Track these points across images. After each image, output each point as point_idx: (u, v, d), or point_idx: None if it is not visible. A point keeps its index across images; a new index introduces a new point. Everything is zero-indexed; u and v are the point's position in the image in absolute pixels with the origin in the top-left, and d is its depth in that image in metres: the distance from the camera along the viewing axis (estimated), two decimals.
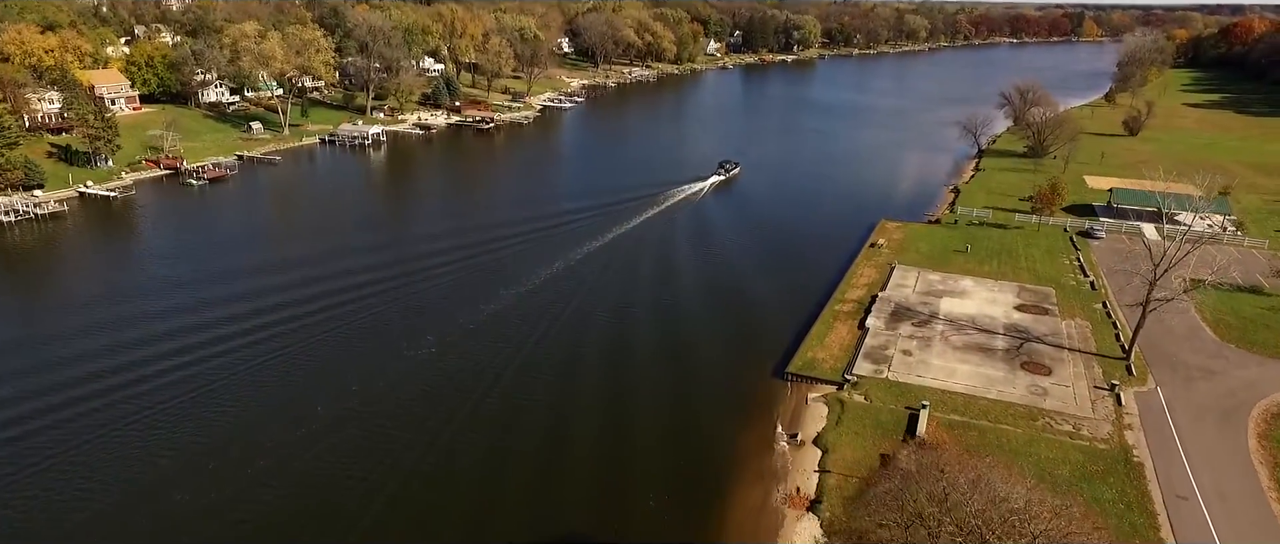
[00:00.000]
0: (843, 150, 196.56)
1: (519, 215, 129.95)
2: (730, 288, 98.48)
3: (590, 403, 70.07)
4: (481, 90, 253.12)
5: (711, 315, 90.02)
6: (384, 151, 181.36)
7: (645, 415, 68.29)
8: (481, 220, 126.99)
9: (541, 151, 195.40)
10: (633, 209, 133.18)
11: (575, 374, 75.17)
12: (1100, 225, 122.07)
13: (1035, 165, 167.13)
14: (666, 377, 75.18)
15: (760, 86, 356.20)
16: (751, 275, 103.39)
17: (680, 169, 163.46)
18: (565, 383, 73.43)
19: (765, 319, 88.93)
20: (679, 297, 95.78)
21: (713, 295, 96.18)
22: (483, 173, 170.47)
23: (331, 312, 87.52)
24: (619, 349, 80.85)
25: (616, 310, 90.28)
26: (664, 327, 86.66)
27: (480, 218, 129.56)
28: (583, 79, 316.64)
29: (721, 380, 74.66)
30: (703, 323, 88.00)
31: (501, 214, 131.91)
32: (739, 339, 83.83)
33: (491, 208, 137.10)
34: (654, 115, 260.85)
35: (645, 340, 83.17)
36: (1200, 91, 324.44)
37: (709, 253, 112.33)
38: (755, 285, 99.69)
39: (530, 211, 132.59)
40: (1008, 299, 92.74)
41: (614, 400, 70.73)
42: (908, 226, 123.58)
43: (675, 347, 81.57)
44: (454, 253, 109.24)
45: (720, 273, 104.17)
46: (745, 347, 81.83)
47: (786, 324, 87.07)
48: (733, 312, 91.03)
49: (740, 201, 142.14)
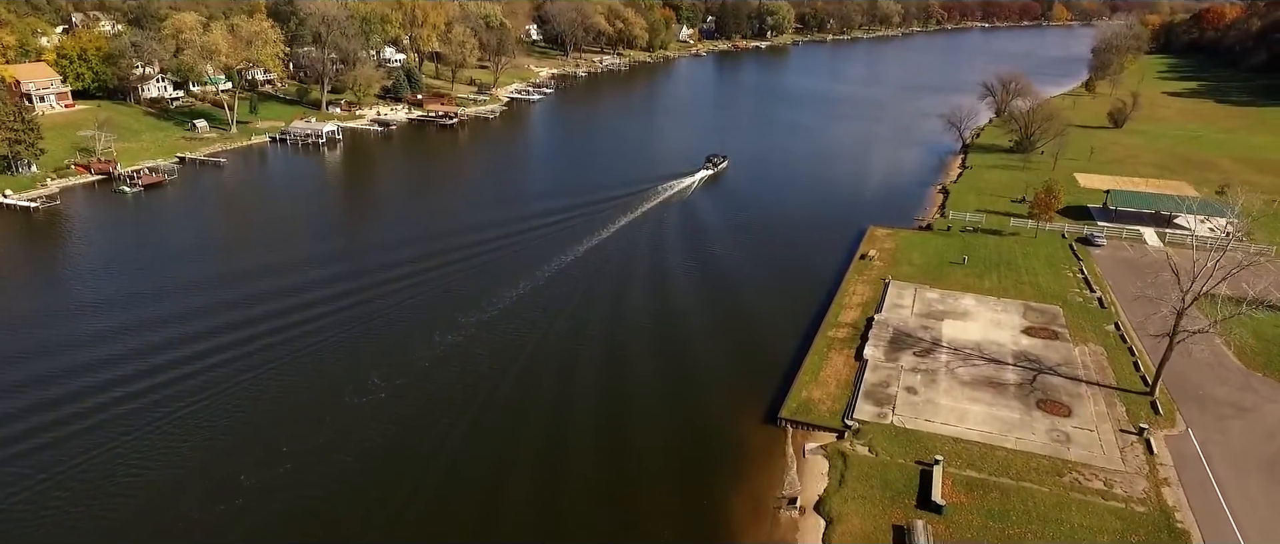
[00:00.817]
0: (824, 146, 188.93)
1: (486, 221, 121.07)
2: (716, 309, 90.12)
3: (562, 457, 61.56)
4: (446, 82, 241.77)
5: (696, 344, 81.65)
6: (340, 151, 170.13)
7: (623, 473, 59.93)
8: (444, 228, 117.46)
9: (510, 149, 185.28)
10: (610, 212, 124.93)
11: (548, 422, 66.47)
12: (1100, 231, 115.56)
13: (1024, 162, 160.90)
14: (647, 424, 66.78)
15: (734, 75, 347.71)
16: (737, 293, 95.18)
17: (657, 166, 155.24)
18: (539, 430, 64.82)
19: (754, 347, 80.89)
20: (660, 320, 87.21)
21: (697, 318, 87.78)
22: (446, 174, 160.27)
23: (272, 339, 78.21)
24: (594, 392, 72.22)
25: (592, 341, 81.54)
26: (645, 361, 78.11)
27: (443, 225, 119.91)
28: (552, 68, 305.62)
29: (708, 427, 66.40)
30: (687, 354, 79.59)
31: (467, 220, 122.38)
32: (726, 374, 75.60)
33: (456, 213, 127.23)
34: (627, 107, 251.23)
35: (623, 380, 74.59)
36: (1177, 79, 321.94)
37: (689, 266, 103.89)
38: (742, 305, 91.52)
39: (498, 216, 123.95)
40: (1013, 321, 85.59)
41: (588, 454, 62.25)
42: (898, 234, 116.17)
43: (658, 385, 73.09)
44: (412, 266, 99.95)
45: (702, 289, 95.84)
46: (733, 383, 73.64)
47: (777, 353, 79.14)
48: (719, 338, 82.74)
49: (722, 204, 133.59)
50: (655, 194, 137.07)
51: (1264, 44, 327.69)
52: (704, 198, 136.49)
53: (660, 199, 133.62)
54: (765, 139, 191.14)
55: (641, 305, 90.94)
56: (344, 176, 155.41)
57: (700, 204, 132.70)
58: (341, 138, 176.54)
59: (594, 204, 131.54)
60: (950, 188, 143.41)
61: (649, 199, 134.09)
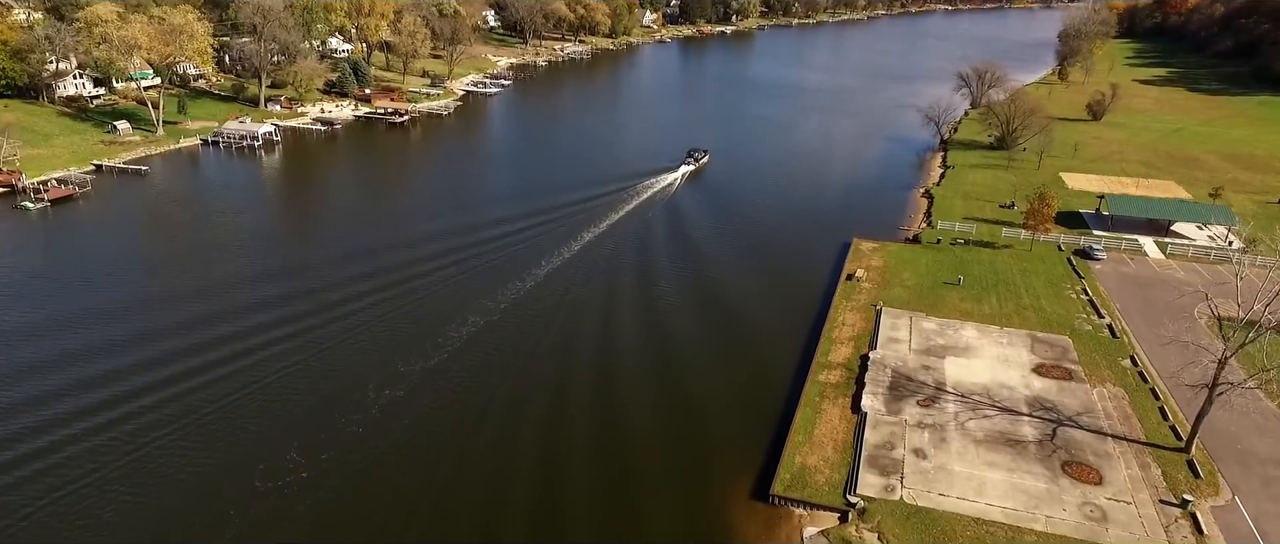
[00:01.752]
0: (800, 143, 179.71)
1: (440, 231, 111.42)
2: (695, 349, 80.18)
3: None
4: (397, 73, 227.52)
5: (674, 396, 71.72)
6: (278, 154, 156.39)
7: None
8: (392, 240, 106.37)
9: (467, 148, 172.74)
10: (577, 220, 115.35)
11: (497, 514, 56.30)
12: (1098, 243, 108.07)
13: (1007, 161, 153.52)
14: (619, 507, 57.03)
15: (700, 63, 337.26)
16: (718, 325, 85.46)
17: (626, 166, 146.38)
18: (492, 510, 54.67)
19: (738, 395, 71.32)
20: (634, 366, 77.18)
21: (675, 362, 77.78)
22: (396, 179, 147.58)
23: (184, 388, 66.92)
24: (557, 459, 62.14)
25: (556, 394, 71.28)
26: (614, 418, 68.18)
27: (390, 237, 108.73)
28: (511, 57, 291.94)
29: (690, 509, 56.80)
30: (666, 409, 69.59)
31: (417, 231, 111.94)
32: (709, 432, 65.91)
33: (405, 225, 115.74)
34: (592, 100, 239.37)
35: (592, 440, 64.61)
36: (1146, 65, 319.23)
37: (661, 293, 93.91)
38: (724, 341, 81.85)
39: (454, 226, 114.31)
40: (1022, 356, 77.27)
41: None
42: (885, 247, 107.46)
43: (633, 453, 63.21)
44: (352, 292, 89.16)
45: (680, 323, 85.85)
46: (717, 447, 63.94)
47: (764, 402, 69.81)
48: (700, 387, 72.98)
49: (697, 215, 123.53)
50: (627, 198, 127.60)
51: (1229, 30, 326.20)
52: (678, 206, 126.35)
53: (629, 207, 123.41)
54: (738, 136, 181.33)
55: (610, 346, 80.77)
56: (281, 184, 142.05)
57: (673, 214, 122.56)
58: (280, 139, 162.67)
59: (560, 210, 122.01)
60: (934, 191, 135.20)
61: (618, 205, 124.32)
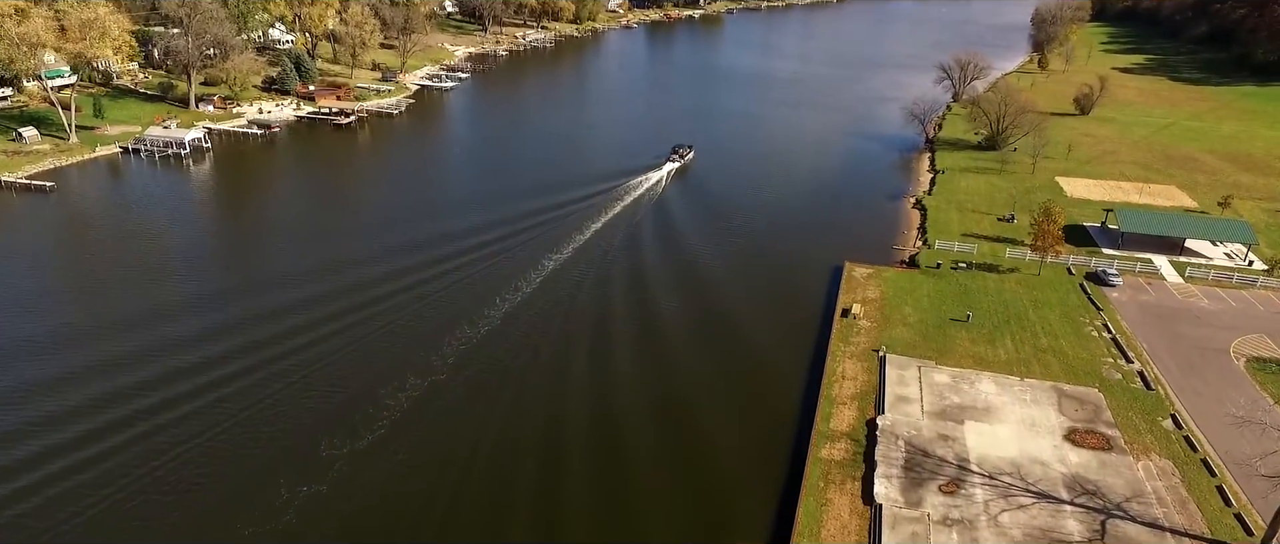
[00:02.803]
0: (779, 144, 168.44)
1: (392, 248, 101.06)
2: (679, 412, 68.92)
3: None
4: (345, 66, 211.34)
5: (658, 479, 60.48)
6: (208, 163, 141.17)
7: None
8: (337, 258, 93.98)
9: (422, 151, 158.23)
10: (552, 234, 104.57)
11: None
12: (1111, 265, 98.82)
13: (1000, 164, 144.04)
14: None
15: (669, 51, 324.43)
16: (700, 379, 74.16)
17: (599, 168, 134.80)
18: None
19: (731, 478, 60.33)
20: (615, 432, 65.94)
21: (659, 432, 66.44)
22: (342, 188, 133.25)
23: (66, 463, 53.92)
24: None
25: (507, 485, 59.76)
26: (586, 512, 56.91)
27: (334, 258, 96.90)
28: (469, 46, 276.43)
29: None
30: (648, 494, 58.52)
31: (366, 249, 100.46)
32: (697, 529, 55.02)
33: (353, 242, 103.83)
34: (558, 93, 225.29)
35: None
36: (1122, 52, 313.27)
37: (633, 338, 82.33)
38: (708, 400, 70.61)
39: (410, 240, 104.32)
40: (1050, 418, 67.29)
41: None
42: (881, 274, 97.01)
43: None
44: (287, 328, 77.62)
45: (658, 375, 74.52)
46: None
47: (761, 487, 59.06)
48: (687, 467, 61.83)
49: (668, 235, 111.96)
50: (605, 205, 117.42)
51: (1204, 16, 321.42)
52: (663, 218, 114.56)
53: (606, 218, 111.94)
54: (712, 136, 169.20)
55: (584, 414, 69.11)
56: (211, 198, 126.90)
57: (658, 227, 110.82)
58: (210, 145, 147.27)
59: (531, 219, 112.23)
60: (925, 201, 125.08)
61: (596, 214, 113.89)
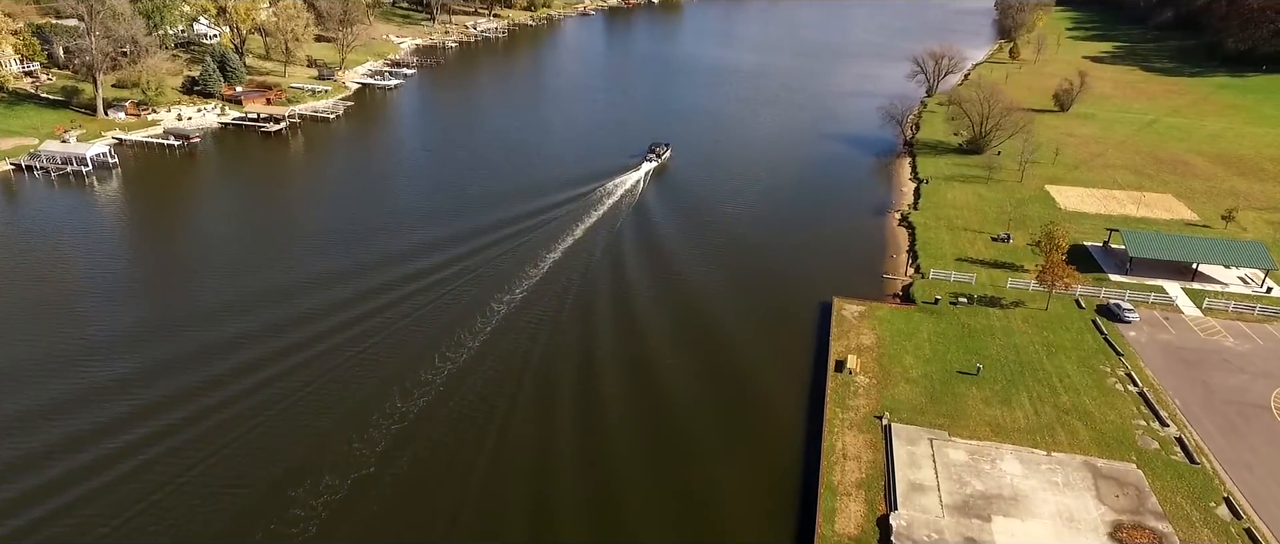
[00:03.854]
0: (750, 149, 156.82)
1: (334, 274, 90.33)
2: (651, 516, 57.86)
3: None
4: (278, 63, 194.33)
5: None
6: (116, 181, 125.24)
7: None
8: (268, 289, 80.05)
9: (362, 161, 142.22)
10: (505, 262, 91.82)
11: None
12: (1122, 296, 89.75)
13: (986, 171, 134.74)
14: None
15: (629, 41, 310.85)
16: (680, 462, 63.10)
17: (556, 179, 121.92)
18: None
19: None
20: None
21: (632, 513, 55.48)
22: (269, 209, 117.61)
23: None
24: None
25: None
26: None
27: (265, 290, 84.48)
28: (415, 37, 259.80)
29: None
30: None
31: (302, 276, 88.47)
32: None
33: (286, 269, 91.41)
34: (514, 89, 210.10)
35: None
36: (1088, 39, 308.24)
37: (594, 406, 70.87)
38: (689, 496, 59.59)
39: (353, 263, 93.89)
40: (1088, 508, 57.44)
41: None
42: (874, 312, 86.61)
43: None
44: (212, 386, 65.05)
45: (625, 472, 63.27)
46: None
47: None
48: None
49: (634, 269, 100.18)
50: (574, 214, 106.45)
51: (1170, 2, 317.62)
52: (610, 256, 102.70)
53: (568, 241, 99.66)
54: (677, 140, 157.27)
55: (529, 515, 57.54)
56: (114, 227, 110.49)
57: (602, 273, 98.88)
58: (117, 161, 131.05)
59: (485, 237, 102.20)
60: (912, 218, 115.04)
61: (554, 237, 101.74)
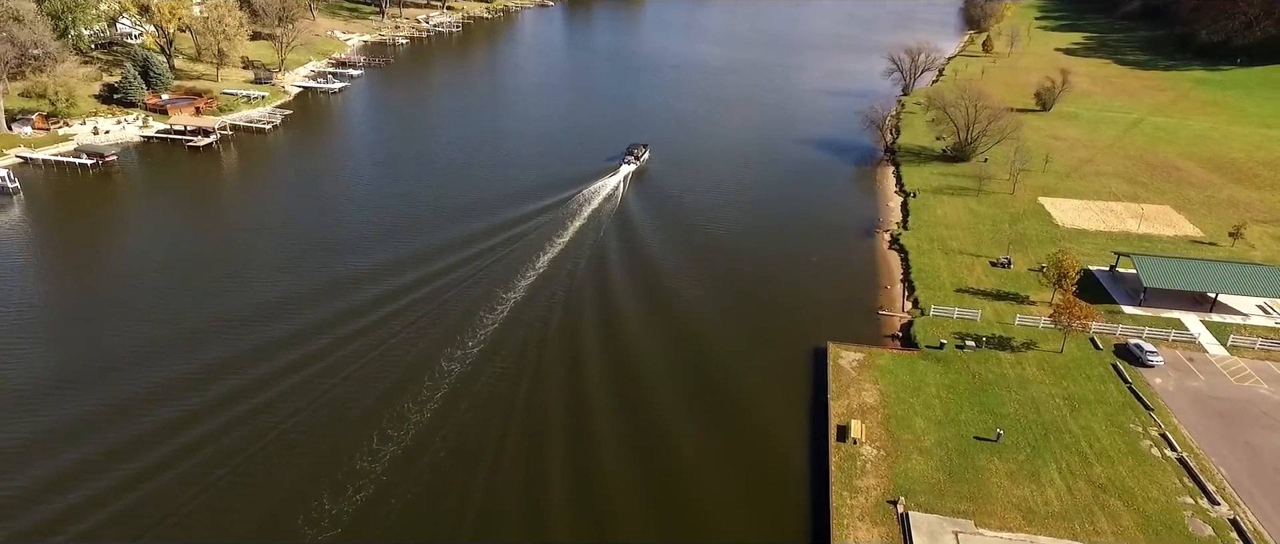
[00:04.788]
0: (723, 156, 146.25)
1: (275, 305, 79.31)
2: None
3: None
4: (209, 66, 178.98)
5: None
6: (17, 208, 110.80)
7: None
8: (205, 324, 67.86)
9: (304, 178, 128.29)
10: (467, 292, 79.83)
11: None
12: (1143, 336, 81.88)
13: (975, 182, 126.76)
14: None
15: (591, 35, 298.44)
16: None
17: (518, 187, 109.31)
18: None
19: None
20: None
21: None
22: (195, 237, 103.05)
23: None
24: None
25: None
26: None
27: (201, 325, 71.93)
28: (363, 33, 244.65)
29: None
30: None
31: (241, 308, 75.61)
32: None
33: (221, 301, 79.45)
34: (471, 89, 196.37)
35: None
36: (1057, 30, 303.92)
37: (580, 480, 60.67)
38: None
39: (278, 303, 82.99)
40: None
41: None
42: (873, 360, 77.55)
43: None
44: (143, 444, 55.45)
45: None
46: None
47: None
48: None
49: (597, 316, 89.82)
50: (538, 235, 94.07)
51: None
52: (590, 290, 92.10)
53: (540, 267, 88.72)
54: (655, 143, 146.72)
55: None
56: (14, 264, 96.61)
57: (584, 307, 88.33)
58: (17, 184, 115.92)
59: (444, 260, 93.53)
60: (903, 240, 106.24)
61: (527, 258, 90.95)
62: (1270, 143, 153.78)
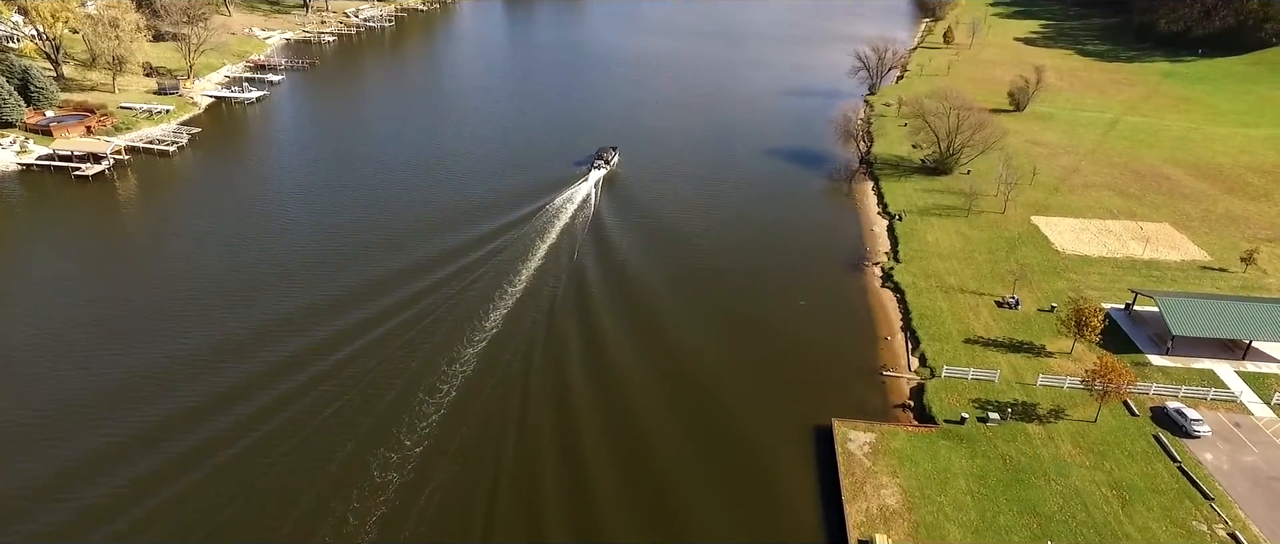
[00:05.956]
0: (687, 167, 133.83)
1: (159, 378, 63.59)
2: None
3: None
4: (105, 74, 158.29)
5: None
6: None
7: None
8: (97, 396, 53.35)
9: (216, 212, 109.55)
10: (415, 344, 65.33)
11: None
12: (1180, 397, 72.66)
13: (963, 200, 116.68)
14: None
15: (532, 28, 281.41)
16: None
17: (469, 205, 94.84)
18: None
19: None
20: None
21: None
22: (81, 290, 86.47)
23: None
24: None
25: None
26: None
27: (56, 411, 56.72)
28: (286, 30, 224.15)
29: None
30: None
31: (110, 389, 61.47)
32: None
33: (97, 385, 63.97)
34: (408, 94, 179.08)
35: None
36: (1012, 17, 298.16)
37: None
38: None
39: (185, 367, 67.29)
40: None
41: None
42: (887, 441, 66.50)
43: None
44: None
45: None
46: None
47: None
48: None
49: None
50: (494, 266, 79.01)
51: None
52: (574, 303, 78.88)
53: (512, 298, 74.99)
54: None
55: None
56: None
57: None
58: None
59: (387, 299, 78.83)
60: (897, 276, 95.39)
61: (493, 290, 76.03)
62: (1252, 145, 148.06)
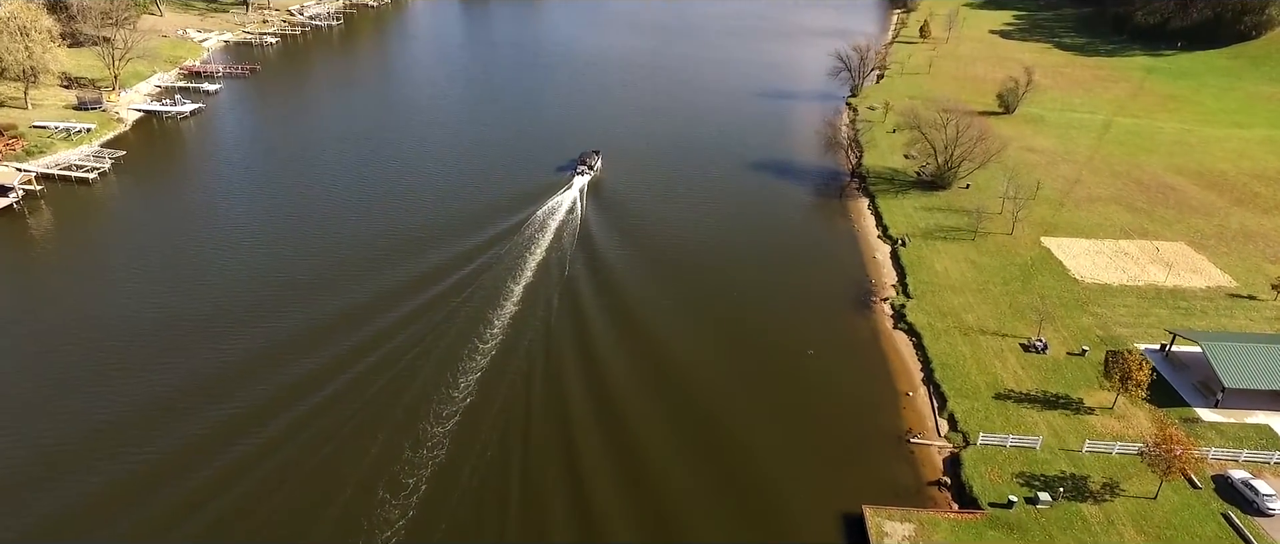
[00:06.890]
0: (665, 180, 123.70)
1: (83, 444, 53.61)
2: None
3: None
4: (15, 88, 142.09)
5: None
6: None
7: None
8: None
9: (147, 251, 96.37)
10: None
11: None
12: (1249, 475, 65.09)
13: (970, 221, 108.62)
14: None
15: (488, 27, 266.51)
16: None
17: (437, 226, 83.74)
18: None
19: None
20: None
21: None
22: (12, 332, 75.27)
23: None
24: None
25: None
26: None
27: None
28: (224, 31, 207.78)
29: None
30: None
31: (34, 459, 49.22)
32: None
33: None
34: (361, 102, 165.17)
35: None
36: (985, 8, 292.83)
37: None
38: None
39: (112, 433, 57.14)
40: None
41: None
42: (928, 533, 57.83)
43: None
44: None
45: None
46: None
47: None
48: None
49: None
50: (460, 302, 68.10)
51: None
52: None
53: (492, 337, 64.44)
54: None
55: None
56: None
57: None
58: None
59: (342, 354, 66.77)
60: (910, 316, 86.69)
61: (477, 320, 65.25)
62: (1250, 149, 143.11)
